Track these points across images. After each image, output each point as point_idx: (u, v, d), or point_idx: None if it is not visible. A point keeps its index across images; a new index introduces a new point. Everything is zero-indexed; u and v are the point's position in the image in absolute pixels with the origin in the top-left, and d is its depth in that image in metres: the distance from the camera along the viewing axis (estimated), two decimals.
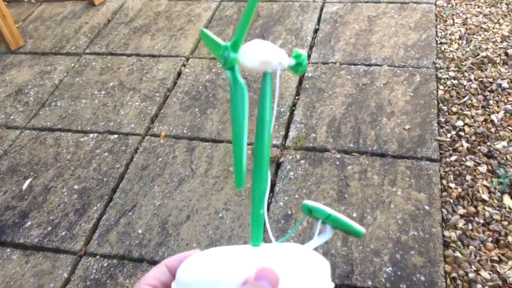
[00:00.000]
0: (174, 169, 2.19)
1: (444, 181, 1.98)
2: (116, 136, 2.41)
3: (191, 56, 2.89)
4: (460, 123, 2.21)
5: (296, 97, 2.50)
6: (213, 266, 0.46)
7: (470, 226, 1.81)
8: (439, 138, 2.15)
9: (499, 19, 2.81)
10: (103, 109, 2.58)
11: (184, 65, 2.82)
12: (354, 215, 1.91)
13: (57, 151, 2.38)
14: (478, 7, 2.94)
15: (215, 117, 2.44)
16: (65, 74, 2.88)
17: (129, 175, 2.20)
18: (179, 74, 2.76)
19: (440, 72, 2.50)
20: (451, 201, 1.90)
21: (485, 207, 1.86)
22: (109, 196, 2.12)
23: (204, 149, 2.27)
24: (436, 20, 2.89)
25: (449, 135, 2.16)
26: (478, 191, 1.92)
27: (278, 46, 0.52)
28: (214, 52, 0.56)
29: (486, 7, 2.93)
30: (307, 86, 2.55)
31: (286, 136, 2.28)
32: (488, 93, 2.34)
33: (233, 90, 0.50)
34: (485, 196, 1.89)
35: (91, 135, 2.43)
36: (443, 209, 1.88)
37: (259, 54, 0.51)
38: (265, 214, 0.51)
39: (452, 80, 2.44)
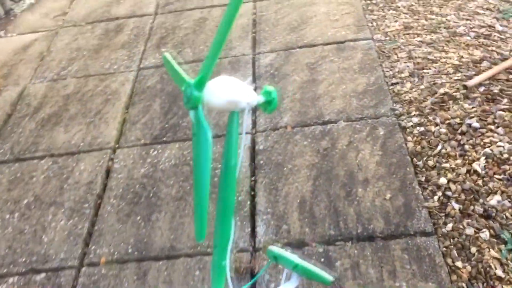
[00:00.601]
0: None
1: (449, 260, 1.70)
2: (43, 275, 1.91)
3: (117, 146, 2.45)
4: (443, 180, 1.95)
5: (252, 178, 2.14)
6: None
7: None
8: (426, 204, 1.87)
9: (443, 46, 2.64)
10: (20, 239, 2.07)
11: (111, 160, 2.37)
12: None
13: None
14: (418, 36, 2.76)
15: (163, 224, 2.01)
16: None
17: None
18: (108, 172, 2.31)
19: (402, 120, 2.25)
20: (464, 285, 1.62)
21: (504, 287, 1.59)
22: None
23: (159, 271, 1.84)
24: (380, 58, 2.66)
25: (435, 197, 1.90)
26: (490, 267, 1.65)
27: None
28: (177, 83, 0.52)
29: (426, 34, 2.75)
30: (261, 162, 2.20)
31: (253, 234, 1.91)
32: (460, 136, 2.12)
33: (195, 132, 0.49)
34: (500, 272, 1.63)
35: (10, 280, 1.92)
36: None
37: (226, 92, 0.52)
38: (227, 266, 0.49)
39: (418, 128, 2.19)
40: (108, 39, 3.28)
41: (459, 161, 2.02)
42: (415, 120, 2.24)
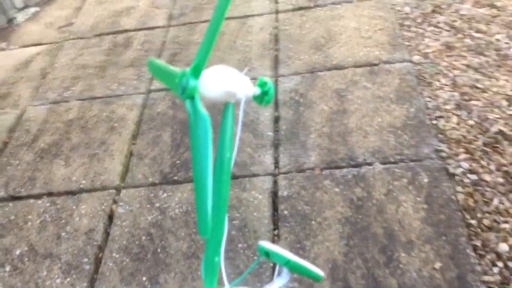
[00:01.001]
0: None
1: None
2: None
3: (123, 184, 2.18)
4: (503, 247, 1.64)
5: (275, 233, 1.85)
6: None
7: None
8: (485, 278, 1.56)
9: (493, 72, 2.30)
10: None
11: (115, 202, 2.10)
12: None
13: None
14: (463, 58, 2.42)
15: (172, 287, 1.74)
16: None
17: None
18: (111, 218, 2.04)
19: (450, 164, 1.93)
20: None
21: None
22: None
23: None
24: (420, 84, 2.34)
25: (495, 269, 1.59)
26: None
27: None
28: (167, 83, 0.51)
29: (473, 57, 2.42)
30: (285, 212, 1.91)
31: None
32: None
33: (193, 122, 0.48)
34: None
35: None
36: None
37: (222, 83, 0.49)
38: (221, 260, 0.48)
39: (469, 175, 1.88)
40: (116, 55, 3.00)
41: None
42: (465, 165, 1.92)
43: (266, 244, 0.53)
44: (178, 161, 2.22)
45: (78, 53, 3.10)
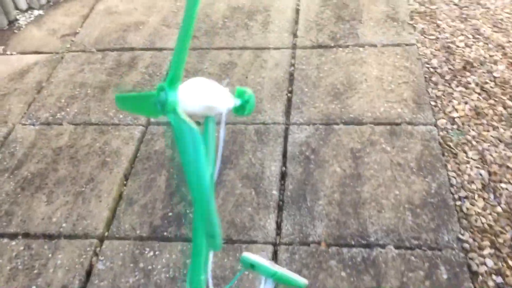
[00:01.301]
0: None
1: None
2: None
3: (107, 234, 1.96)
4: None
5: None
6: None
7: None
8: None
9: None
10: None
11: (96, 254, 1.89)
12: None
13: None
14: (494, 129, 2.21)
15: None
16: None
17: None
18: (89, 274, 1.83)
19: (473, 259, 1.72)
20: None
21: None
22: None
23: None
24: (444, 155, 2.13)
25: None
26: None
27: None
28: (142, 110, 0.47)
29: (505, 129, 2.21)
30: None
31: None
32: None
33: (179, 136, 0.45)
34: None
35: None
36: None
37: (202, 97, 0.46)
38: (209, 277, 0.45)
39: (494, 277, 1.66)
40: (118, 75, 2.79)
41: None
42: (490, 263, 1.71)
43: (250, 256, 0.52)
44: (171, 213, 2.01)
45: (78, 68, 2.89)
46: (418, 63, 2.66)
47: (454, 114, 2.32)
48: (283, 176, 2.13)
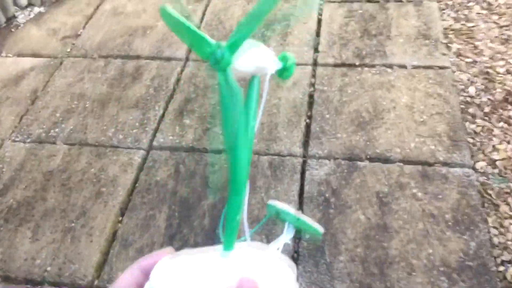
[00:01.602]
0: None
1: None
2: None
3: (96, 282, 1.73)
4: None
5: None
6: (188, 278, 0.45)
7: None
8: None
9: None
10: None
11: None
12: None
13: None
14: None
15: None
16: None
17: None
18: None
19: None
20: None
21: None
22: None
23: None
24: (484, 205, 1.87)
25: None
26: None
27: None
28: (189, 42, 0.49)
29: None
30: None
31: None
32: None
33: (224, 95, 0.46)
34: None
35: None
36: None
37: (255, 58, 0.48)
38: (245, 219, 0.50)
39: None
40: (121, 88, 2.54)
41: None
42: None
43: (276, 204, 0.52)
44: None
45: (78, 77, 2.64)
46: (453, 90, 2.38)
47: (495, 156, 2.05)
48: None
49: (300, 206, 1.93)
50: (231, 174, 0.49)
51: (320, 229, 0.55)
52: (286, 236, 0.54)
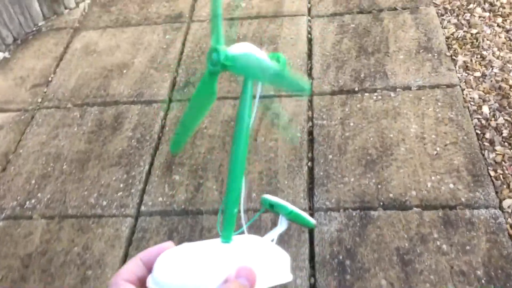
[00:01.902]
0: None
1: None
2: None
3: None
4: None
5: None
6: (189, 268, 0.47)
7: None
8: None
9: None
10: None
11: None
12: None
13: None
14: None
15: None
16: None
17: None
18: None
19: None
20: None
21: None
22: None
23: None
24: None
25: None
26: None
27: None
28: (196, 119, 0.61)
29: None
30: None
31: None
32: None
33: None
34: None
35: None
36: None
37: (249, 58, 0.52)
38: (242, 212, 0.53)
39: None
40: (100, 142, 2.30)
41: None
42: None
43: (270, 197, 0.54)
44: None
45: (52, 133, 2.39)
46: (465, 112, 2.16)
47: None
48: None
49: (313, 273, 1.71)
50: (229, 170, 0.51)
51: (312, 221, 0.57)
52: (280, 228, 0.56)
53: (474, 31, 2.56)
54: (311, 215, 1.89)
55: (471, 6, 2.71)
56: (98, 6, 3.20)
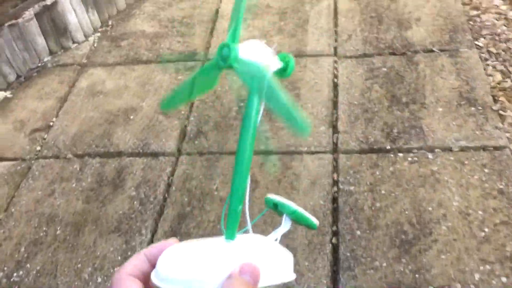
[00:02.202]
0: None
1: None
2: None
3: None
4: None
5: None
6: (193, 263, 0.47)
7: None
8: None
9: None
10: None
11: None
12: None
13: None
14: None
15: None
16: None
17: None
18: None
19: None
20: None
21: None
22: None
23: None
24: None
25: None
26: None
27: None
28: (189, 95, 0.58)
29: None
30: None
31: None
32: None
33: (246, 79, 0.51)
34: None
35: None
36: None
37: (258, 55, 0.51)
38: (246, 210, 0.53)
39: None
40: (98, 202, 2.07)
41: None
42: None
43: (274, 197, 0.55)
44: None
45: (48, 189, 2.17)
46: None
47: None
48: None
49: None
50: (235, 167, 0.50)
51: (315, 221, 0.56)
52: (284, 228, 0.55)
53: None
54: None
55: None
56: (109, 40, 3.00)
